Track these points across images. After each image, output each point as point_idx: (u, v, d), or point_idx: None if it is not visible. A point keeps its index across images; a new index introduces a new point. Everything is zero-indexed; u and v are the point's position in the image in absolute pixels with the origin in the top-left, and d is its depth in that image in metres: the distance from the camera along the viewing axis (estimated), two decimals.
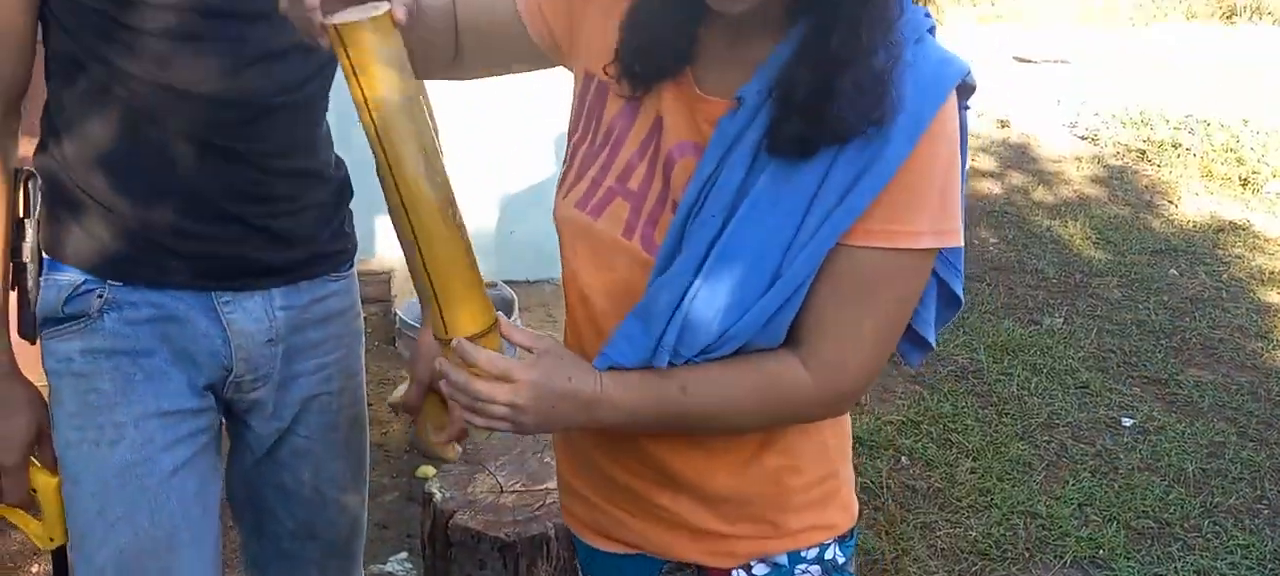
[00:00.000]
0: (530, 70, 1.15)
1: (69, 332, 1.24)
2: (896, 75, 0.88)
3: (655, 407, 0.97)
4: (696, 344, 0.94)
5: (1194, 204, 5.14)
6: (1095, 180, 5.51)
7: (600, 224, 1.01)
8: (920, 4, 0.96)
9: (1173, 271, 4.28)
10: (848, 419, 1.16)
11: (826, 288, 0.93)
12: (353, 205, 1.43)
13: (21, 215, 1.24)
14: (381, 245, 3.47)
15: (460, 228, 0.97)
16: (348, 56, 0.90)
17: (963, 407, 3.16)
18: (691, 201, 0.94)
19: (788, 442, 1.06)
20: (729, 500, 1.06)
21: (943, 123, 0.91)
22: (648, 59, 0.97)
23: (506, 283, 3.43)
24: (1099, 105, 6.84)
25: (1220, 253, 4.50)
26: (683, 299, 0.93)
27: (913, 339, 1.07)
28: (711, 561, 1.08)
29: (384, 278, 3.54)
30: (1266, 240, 4.66)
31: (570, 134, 1.07)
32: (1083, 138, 6.27)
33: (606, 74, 1.01)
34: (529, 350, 0.97)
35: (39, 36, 1.21)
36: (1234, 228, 4.79)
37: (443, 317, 0.97)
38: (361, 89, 0.91)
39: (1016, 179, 5.51)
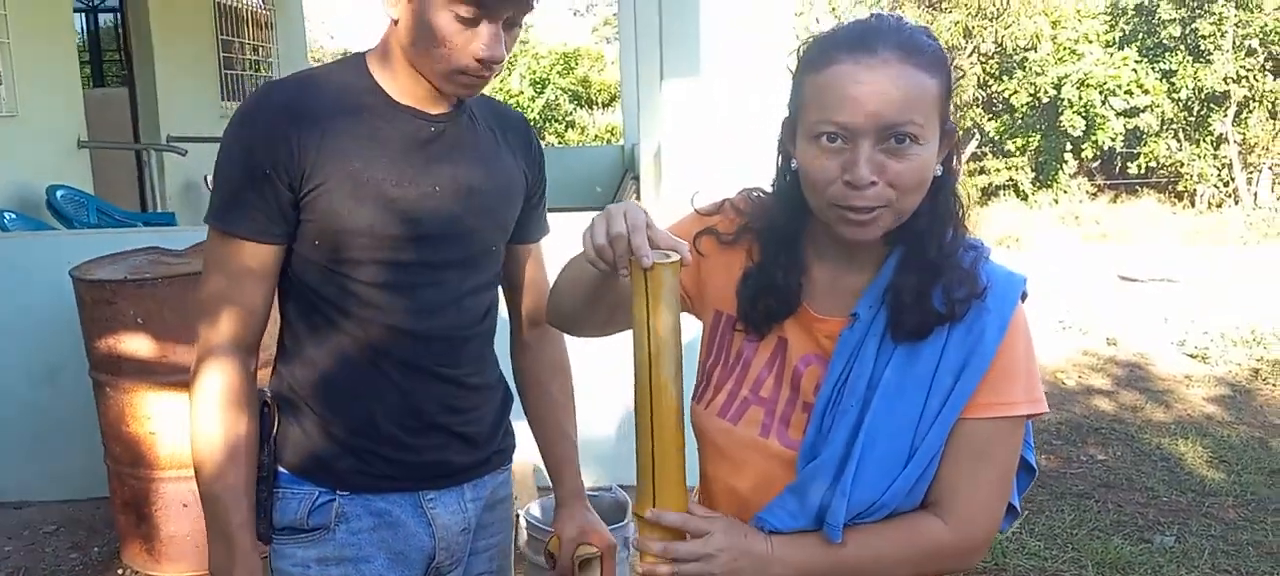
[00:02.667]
0: None
1: (307, 541, 1.48)
2: (979, 267, 1.17)
3: (821, 560, 1.17)
4: (852, 512, 1.15)
5: None
6: (1208, 399, 5.46)
7: (739, 428, 1.24)
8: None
9: None
10: None
11: (952, 455, 1.16)
12: None
13: None
14: None
15: (684, 431, 1.20)
16: (646, 288, 1.14)
17: None
18: (827, 398, 1.18)
19: None
20: None
21: (1018, 319, 1.17)
22: (767, 312, 1.23)
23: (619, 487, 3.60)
24: (1208, 324, 6.81)
25: None
26: (838, 477, 1.15)
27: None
28: None
29: None
30: None
31: (702, 359, 1.32)
32: (1192, 356, 6.24)
33: (736, 330, 1.27)
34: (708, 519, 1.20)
35: None
36: None
37: (655, 494, 1.19)
38: (649, 314, 1.14)
39: (1126, 397, 5.50)
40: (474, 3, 1.31)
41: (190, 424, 1.44)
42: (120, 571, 3.44)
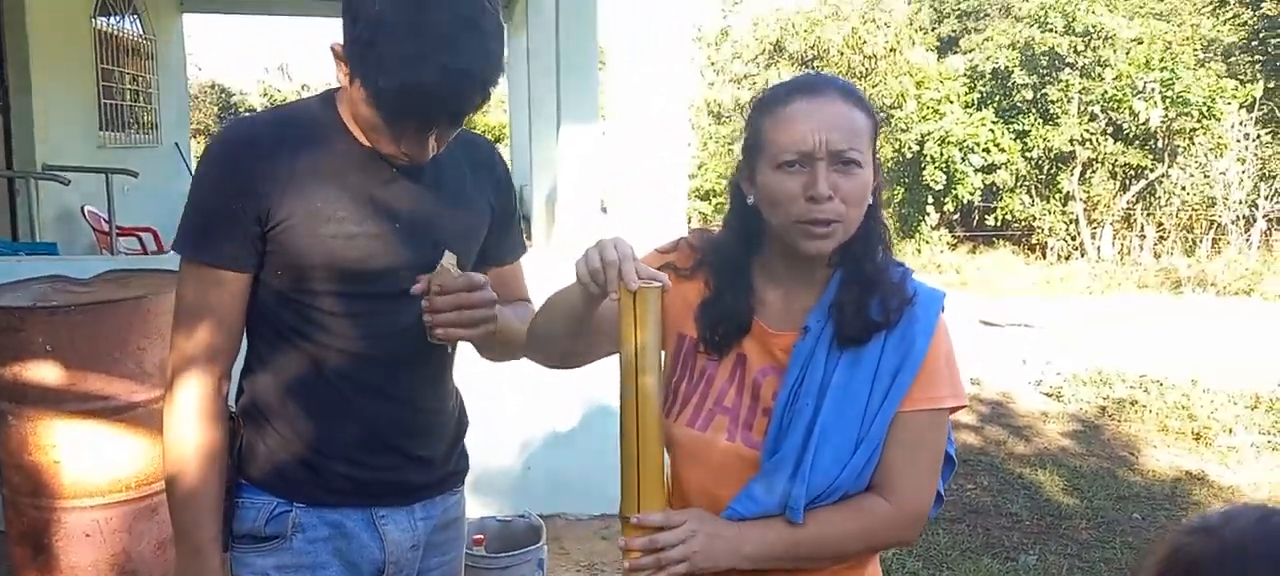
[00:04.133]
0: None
1: (266, 549, 1.56)
2: (907, 282, 1.38)
3: (784, 538, 1.35)
4: (811, 496, 1.34)
5: (1153, 455, 5.53)
6: (1062, 433, 5.92)
7: (708, 435, 1.41)
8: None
9: (1136, 515, 4.62)
10: None
11: (892, 444, 1.36)
12: None
13: None
14: None
15: (663, 437, 1.36)
16: (634, 310, 1.31)
17: None
18: (785, 401, 1.36)
19: None
20: None
21: (942, 327, 1.39)
22: (726, 334, 1.42)
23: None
24: (1061, 366, 7.36)
25: (1179, 498, 4.85)
26: (798, 467, 1.33)
27: None
28: None
29: None
30: (1221, 487, 5.03)
31: (669, 377, 1.47)
32: (1048, 395, 6.74)
33: (699, 351, 1.44)
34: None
35: None
36: (1190, 477, 5.17)
37: (640, 496, 1.34)
38: (635, 332, 1.31)
39: (990, 432, 5.91)
40: (396, 124, 1.39)
41: (166, 439, 1.51)
42: None
